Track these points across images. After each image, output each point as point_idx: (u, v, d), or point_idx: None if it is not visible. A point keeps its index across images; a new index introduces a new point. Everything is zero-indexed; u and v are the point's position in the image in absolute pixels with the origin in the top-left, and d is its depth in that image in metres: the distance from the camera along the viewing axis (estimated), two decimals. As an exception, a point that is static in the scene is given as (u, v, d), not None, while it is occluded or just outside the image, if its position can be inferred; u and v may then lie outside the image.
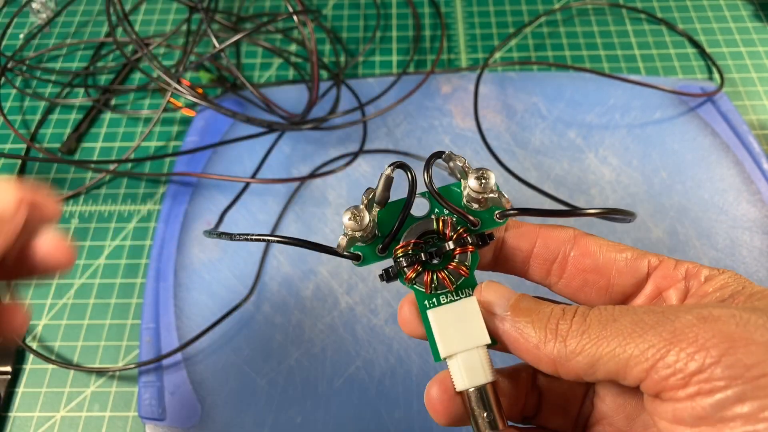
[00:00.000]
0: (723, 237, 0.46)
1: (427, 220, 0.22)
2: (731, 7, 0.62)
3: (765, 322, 0.16)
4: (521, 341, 0.19)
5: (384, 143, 0.52)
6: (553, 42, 0.59)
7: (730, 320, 0.16)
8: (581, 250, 0.21)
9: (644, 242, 0.45)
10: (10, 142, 0.54)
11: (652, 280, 0.21)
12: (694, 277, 0.20)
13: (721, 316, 0.16)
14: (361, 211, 0.21)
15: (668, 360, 0.16)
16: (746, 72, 0.57)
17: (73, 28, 0.63)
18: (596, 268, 0.21)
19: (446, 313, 0.20)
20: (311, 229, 0.47)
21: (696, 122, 0.52)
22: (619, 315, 0.17)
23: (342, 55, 0.59)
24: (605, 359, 0.17)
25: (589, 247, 0.21)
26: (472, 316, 0.20)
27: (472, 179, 0.21)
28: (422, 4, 0.63)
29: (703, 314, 0.16)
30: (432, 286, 0.21)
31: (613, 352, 0.17)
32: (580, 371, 0.18)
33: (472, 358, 0.20)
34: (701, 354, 0.15)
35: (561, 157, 0.50)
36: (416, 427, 0.39)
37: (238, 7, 0.63)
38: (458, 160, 0.21)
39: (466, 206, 0.22)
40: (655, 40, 0.59)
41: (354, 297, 0.44)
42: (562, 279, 0.22)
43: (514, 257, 0.22)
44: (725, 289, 0.19)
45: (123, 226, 0.49)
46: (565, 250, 0.21)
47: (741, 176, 0.48)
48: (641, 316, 0.17)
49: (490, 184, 0.21)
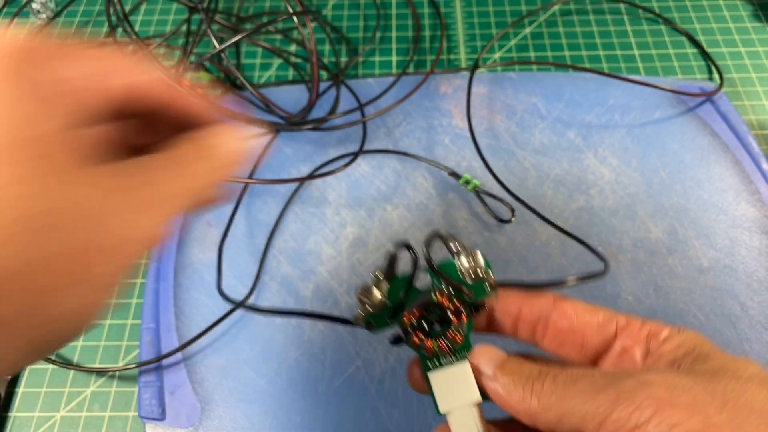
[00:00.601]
0: (722, 237, 0.46)
1: (427, 292, 0.25)
2: (730, 7, 0.62)
3: (692, 386, 0.19)
4: (506, 397, 0.22)
5: (384, 143, 0.52)
6: (552, 42, 0.60)
7: (661, 385, 0.19)
8: (559, 313, 0.24)
9: (644, 242, 0.45)
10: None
11: (619, 339, 0.24)
12: (654, 337, 0.23)
13: (654, 381, 0.19)
14: (372, 291, 0.25)
15: (613, 417, 0.19)
16: (745, 72, 0.57)
17: (73, 28, 0.63)
18: (572, 329, 0.24)
19: (444, 374, 0.24)
20: (311, 229, 0.47)
21: (695, 122, 0.52)
22: (580, 377, 0.21)
23: (342, 55, 0.59)
24: (568, 415, 0.20)
25: (566, 310, 0.24)
26: (465, 377, 0.24)
27: (463, 258, 0.25)
28: (422, 5, 0.63)
29: (641, 379, 0.19)
30: (433, 351, 0.24)
31: (573, 409, 0.20)
32: (551, 423, 0.21)
33: (465, 413, 0.23)
34: (637, 413, 0.18)
35: (561, 158, 0.50)
36: (416, 427, 0.39)
37: (238, 8, 0.63)
38: (451, 242, 0.25)
39: (462, 279, 0.25)
40: (654, 40, 0.59)
41: (354, 297, 0.44)
42: (545, 338, 0.25)
43: (504, 322, 0.26)
44: (679, 349, 0.22)
45: (123, 227, 0.49)
46: (547, 314, 0.24)
47: (740, 176, 0.49)
48: (596, 379, 0.20)
49: (480, 263, 0.25)
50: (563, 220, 0.47)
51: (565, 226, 0.46)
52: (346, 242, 0.47)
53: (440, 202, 0.48)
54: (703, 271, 0.44)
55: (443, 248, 0.26)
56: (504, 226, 0.47)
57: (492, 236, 0.47)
